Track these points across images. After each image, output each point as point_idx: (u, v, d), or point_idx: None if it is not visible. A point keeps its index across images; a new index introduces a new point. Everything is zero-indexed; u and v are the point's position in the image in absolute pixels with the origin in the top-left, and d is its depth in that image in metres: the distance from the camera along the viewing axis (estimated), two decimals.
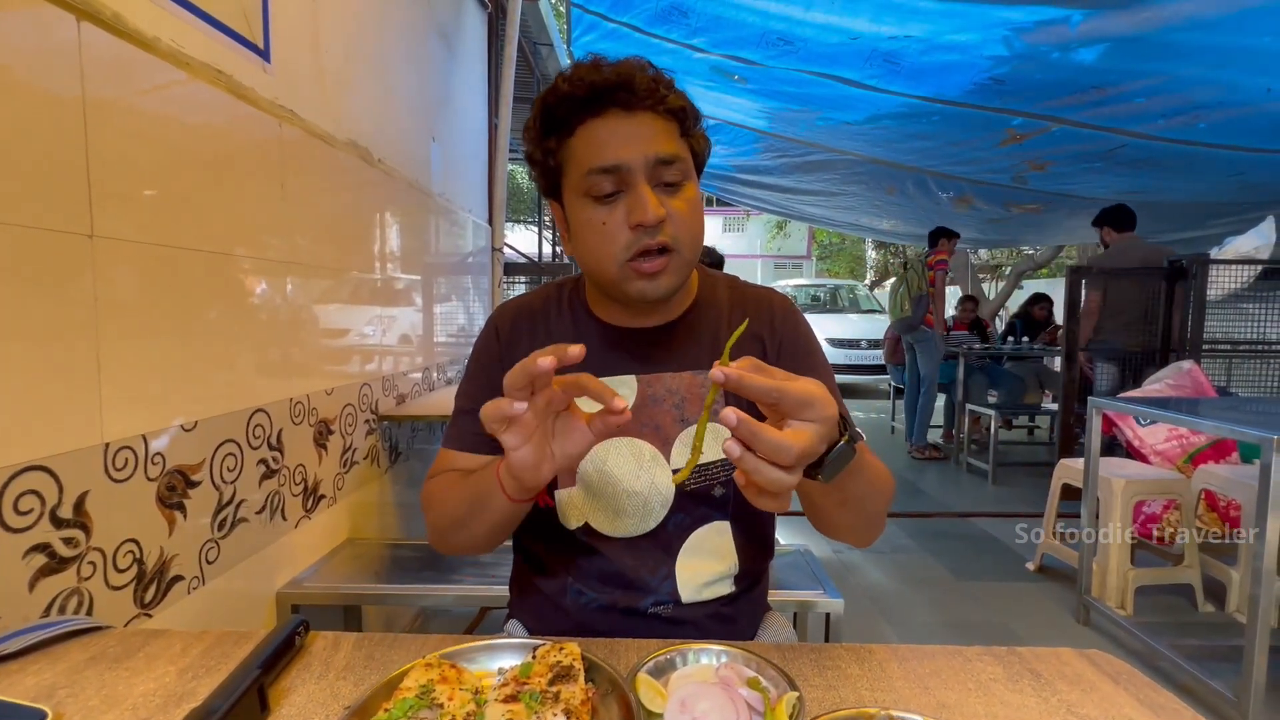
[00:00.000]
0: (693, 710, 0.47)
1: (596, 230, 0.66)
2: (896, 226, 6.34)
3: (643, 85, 0.64)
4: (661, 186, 0.66)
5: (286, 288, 1.32)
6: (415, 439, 2.07)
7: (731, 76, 3.41)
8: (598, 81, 0.64)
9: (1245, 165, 3.42)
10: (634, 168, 0.64)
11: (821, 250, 16.03)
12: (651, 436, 0.73)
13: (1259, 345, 3.28)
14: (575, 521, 0.74)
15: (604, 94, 0.64)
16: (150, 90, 0.96)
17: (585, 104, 0.65)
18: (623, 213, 0.65)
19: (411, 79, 2.09)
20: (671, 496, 0.73)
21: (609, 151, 0.64)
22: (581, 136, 0.66)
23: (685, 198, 0.67)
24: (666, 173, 0.65)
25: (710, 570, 0.73)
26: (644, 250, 0.65)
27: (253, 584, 1.24)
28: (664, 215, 0.64)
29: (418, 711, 0.44)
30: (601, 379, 0.72)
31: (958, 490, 3.95)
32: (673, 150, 0.65)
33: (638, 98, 0.64)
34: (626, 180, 0.64)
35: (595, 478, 0.73)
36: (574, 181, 0.67)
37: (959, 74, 2.89)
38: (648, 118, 0.65)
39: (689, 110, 0.68)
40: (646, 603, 0.72)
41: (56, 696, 0.50)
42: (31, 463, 0.77)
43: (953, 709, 0.50)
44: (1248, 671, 1.54)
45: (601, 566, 0.73)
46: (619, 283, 0.67)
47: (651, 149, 0.64)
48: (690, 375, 0.75)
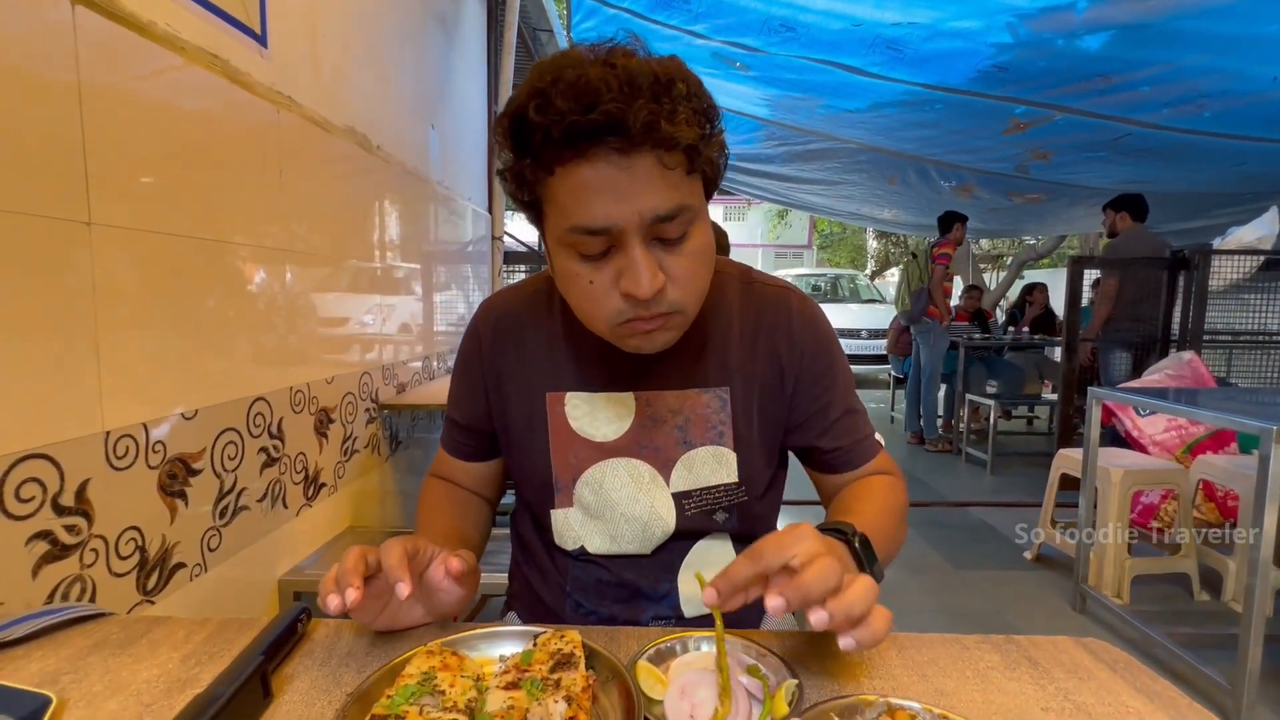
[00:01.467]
0: (692, 697, 0.48)
1: (583, 288, 0.56)
2: (898, 216, 6.31)
3: (640, 122, 0.49)
4: (661, 244, 0.55)
5: (285, 276, 1.32)
6: (416, 427, 2.08)
7: (733, 64, 3.38)
8: (580, 122, 0.48)
9: (1249, 155, 3.40)
10: (627, 229, 0.52)
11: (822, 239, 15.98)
12: (651, 458, 0.68)
13: (1259, 336, 3.28)
14: (572, 544, 0.70)
15: (589, 134, 0.49)
16: (146, 76, 0.95)
17: (564, 144, 0.50)
18: (612, 274, 0.54)
19: (410, 65, 2.07)
20: (673, 523, 0.68)
21: (596, 210, 0.51)
22: (563, 180, 0.52)
23: (689, 251, 0.56)
24: (668, 229, 0.53)
25: None
26: (639, 318, 0.56)
27: (254, 572, 1.24)
28: (662, 284, 0.54)
29: (420, 698, 0.44)
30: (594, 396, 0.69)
31: (956, 480, 3.96)
32: (675, 204, 0.52)
33: (633, 141, 0.49)
34: (617, 239, 0.53)
35: (592, 500, 0.68)
36: (555, 229, 0.55)
37: (962, 61, 2.86)
38: (646, 163, 0.51)
39: (700, 139, 0.53)
40: (647, 615, 0.70)
41: (61, 682, 0.50)
42: (32, 450, 0.78)
43: (951, 696, 0.50)
44: (1242, 660, 1.55)
45: (601, 578, 0.71)
46: (612, 340, 0.60)
47: (648, 205, 0.51)
48: (694, 393, 0.68)
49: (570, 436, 0.69)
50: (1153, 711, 0.49)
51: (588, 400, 0.69)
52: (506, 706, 0.43)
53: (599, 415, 0.69)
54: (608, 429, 0.68)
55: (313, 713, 0.48)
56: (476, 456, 0.78)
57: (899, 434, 5.03)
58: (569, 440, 0.69)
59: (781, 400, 0.70)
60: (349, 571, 0.50)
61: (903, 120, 3.64)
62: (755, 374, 0.69)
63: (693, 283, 0.57)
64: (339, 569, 0.51)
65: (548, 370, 0.70)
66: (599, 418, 0.69)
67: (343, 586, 0.49)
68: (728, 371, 0.69)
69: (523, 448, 0.71)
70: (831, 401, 0.70)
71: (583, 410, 0.69)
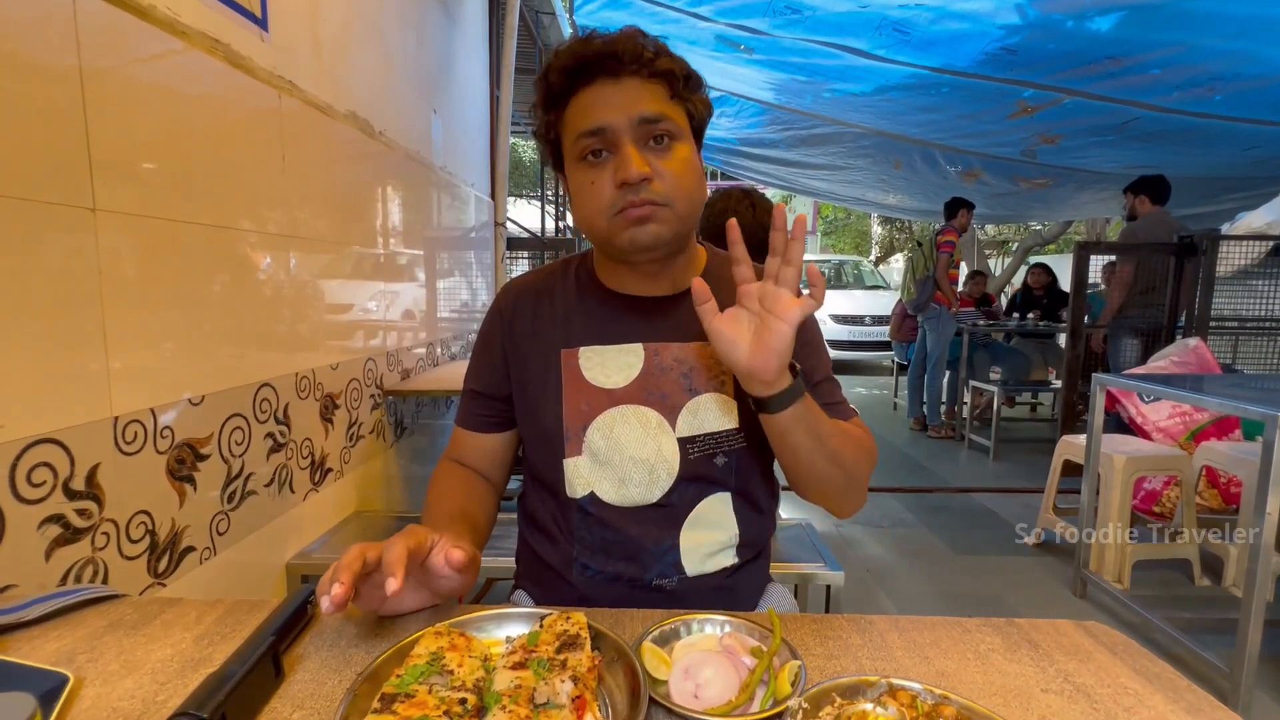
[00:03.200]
0: (696, 677, 0.48)
1: (587, 190, 0.68)
2: (903, 201, 6.26)
3: (628, 52, 0.66)
4: (650, 148, 0.67)
5: (289, 262, 1.32)
6: (421, 414, 2.09)
7: (738, 47, 3.34)
8: (585, 53, 0.67)
9: (1260, 139, 3.35)
10: (618, 128, 0.66)
11: (826, 225, 15.88)
12: (658, 405, 0.74)
13: (1266, 322, 3.26)
14: (581, 490, 0.74)
15: (592, 64, 0.67)
16: (147, 60, 0.95)
17: (575, 75, 0.68)
18: (610, 172, 0.67)
19: (411, 50, 2.05)
20: (677, 465, 0.73)
21: (595, 115, 0.66)
22: (573, 106, 0.69)
23: (676, 157, 0.68)
24: (653, 131, 0.67)
25: (712, 540, 0.74)
26: (630, 206, 0.67)
27: (263, 555, 1.26)
28: (648, 173, 0.66)
29: (429, 677, 0.45)
30: (606, 348, 0.75)
31: (959, 466, 3.97)
32: (657, 109, 0.67)
33: (623, 64, 0.66)
34: (612, 141, 0.66)
35: (602, 445, 0.73)
36: (569, 149, 0.70)
37: (970, 44, 2.82)
38: (634, 82, 0.67)
39: (678, 72, 0.69)
40: (650, 575, 0.73)
41: (77, 661, 0.51)
42: (43, 436, 0.78)
43: (951, 677, 0.51)
44: (1241, 644, 1.56)
45: (606, 538, 0.74)
46: (610, 237, 0.69)
47: (635, 109, 0.66)
48: (698, 345, 0.75)
49: (582, 386, 0.75)
50: (1151, 692, 0.50)
51: (599, 353, 0.76)
52: (514, 686, 0.44)
53: (609, 365, 0.75)
54: (618, 377, 0.75)
55: (324, 691, 0.48)
56: (490, 427, 0.82)
57: (902, 420, 5.03)
58: (581, 389, 0.75)
59: None
60: (341, 568, 0.51)
61: (909, 104, 3.59)
62: None
63: (677, 179, 0.68)
64: (333, 567, 0.52)
65: (563, 329, 0.77)
66: (609, 367, 0.75)
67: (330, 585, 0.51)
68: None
69: (536, 402, 0.77)
70: (816, 365, 0.79)
71: (594, 362, 0.76)
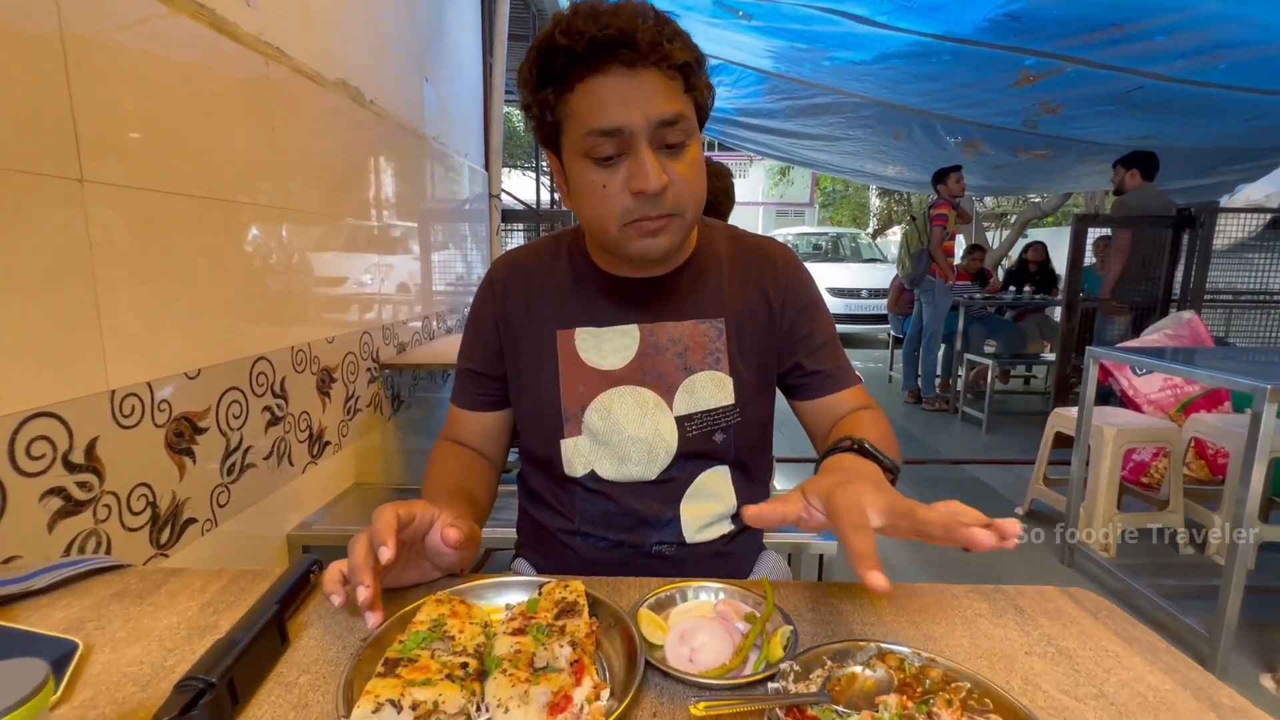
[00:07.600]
0: (691, 642, 0.50)
1: (596, 193, 0.64)
2: (902, 173, 6.19)
3: (646, 40, 0.60)
4: (664, 149, 0.63)
5: (282, 234, 1.30)
6: (417, 387, 2.09)
7: (736, 13, 3.26)
8: (598, 37, 0.60)
9: (1264, 109, 3.31)
10: (636, 131, 0.61)
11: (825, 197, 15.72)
12: (654, 385, 0.74)
13: (1260, 295, 3.27)
14: (581, 469, 0.75)
15: (605, 49, 0.60)
16: (130, 25, 0.92)
17: (585, 59, 0.61)
18: (623, 176, 0.63)
19: (402, 15, 2.00)
20: (675, 443, 0.73)
21: (610, 113, 0.61)
22: (581, 94, 0.62)
23: (688, 160, 0.65)
24: (669, 134, 0.63)
25: (711, 511, 0.76)
26: (645, 219, 0.64)
27: (263, 526, 1.27)
28: (666, 183, 0.63)
29: (431, 643, 0.46)
30: (601, 330, 0.75)
31: (952, 438, 4.01)
32: (676, 110, 0.62)
33: (640, 54, 0.60)
34: (628, 143, 0.62)
35: (601, 426, 0.73)
36: (573, 140, 0.64)
37: (972, 10, 2.76)
38: (651, 75, 0.61)
39: (694, 64, 0.64)
40: (651, 542, 0.75)
41: (85, 629, 0.52)
42: (40, 409, 0.79)
43: (939, 641, 0.53)
44: (1221, 609, 1.60)
45: (608, 510, 0.75)
46: (620, 244, 0.67)
47: (654, 110, 0.61)
48: (693, 324, 0.75)
49: (579, 368, 0.74)
50: (1130, 654, 0.51)
51: (595, 334, 0.75)
52: (514, 651, 0.45)
53: (605, 346, 0.75)
54: (614, 358, 0.75)
55: (328, 656, 0.50)
56: (486, 405, 0.81)
57: (897, 393, 5.07)
58: (578, 371, 0.74)
59: (772, 330, 0.78)
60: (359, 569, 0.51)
61: (909, 73, 3.53)
62: (746, 308, 0.77)
63: (691, 188, 0.66)
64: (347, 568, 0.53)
65: (557, 310, 0.76)
66: (605, 348, 0.75)
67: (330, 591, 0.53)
68: (722, 304, 0.77)
69: (532, 385, 0.76)
70: (816, 329, 0.79)
71: (590, 343, 0.75)
